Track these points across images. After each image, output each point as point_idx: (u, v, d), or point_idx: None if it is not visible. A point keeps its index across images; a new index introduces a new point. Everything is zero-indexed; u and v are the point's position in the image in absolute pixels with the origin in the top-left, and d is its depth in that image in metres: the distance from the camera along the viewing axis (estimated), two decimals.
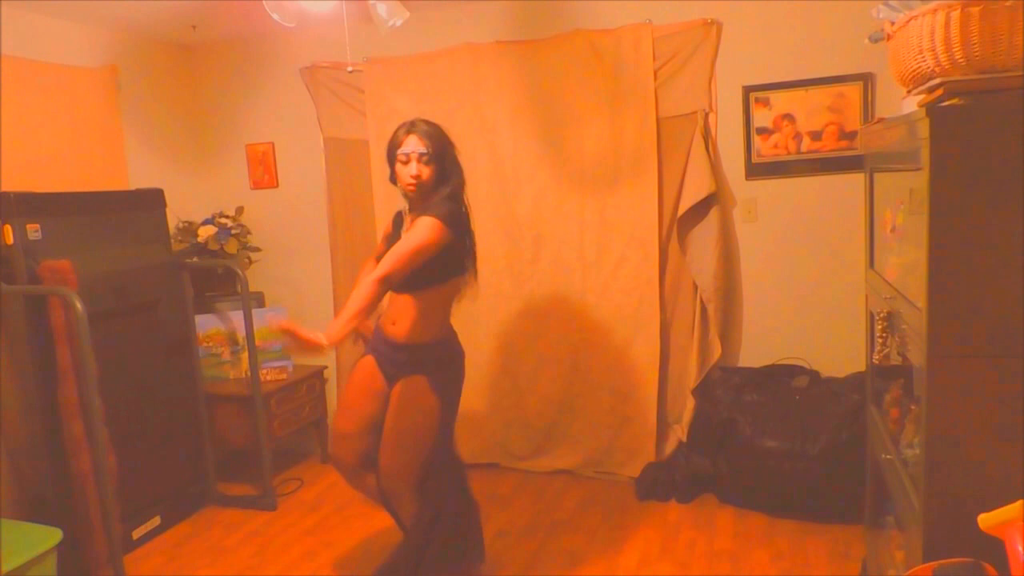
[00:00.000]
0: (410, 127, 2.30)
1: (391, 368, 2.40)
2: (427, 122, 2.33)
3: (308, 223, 3.90)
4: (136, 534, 3.05)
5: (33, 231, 2.72)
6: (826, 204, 3.14)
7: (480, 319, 3.60)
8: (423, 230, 2.19)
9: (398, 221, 2.48)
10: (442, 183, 2.30)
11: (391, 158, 2.33)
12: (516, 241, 3.51)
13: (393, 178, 2.36)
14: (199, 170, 4.04)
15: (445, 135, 2.34)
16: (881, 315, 1.88)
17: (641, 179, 3.28)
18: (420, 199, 2.31)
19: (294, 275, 3.99)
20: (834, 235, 3.13)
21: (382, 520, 3.17)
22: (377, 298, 2.16)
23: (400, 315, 2.36)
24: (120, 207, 3.11)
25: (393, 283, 2.20)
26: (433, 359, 2.37)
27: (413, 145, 2.26)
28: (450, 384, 2.41)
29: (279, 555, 2.95)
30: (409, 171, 2.26)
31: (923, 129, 1.39)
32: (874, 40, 1.79)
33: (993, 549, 1.28)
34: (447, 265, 2.31)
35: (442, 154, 2.30)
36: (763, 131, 3.19)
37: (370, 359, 2.47)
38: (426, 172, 2.27)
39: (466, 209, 2.35)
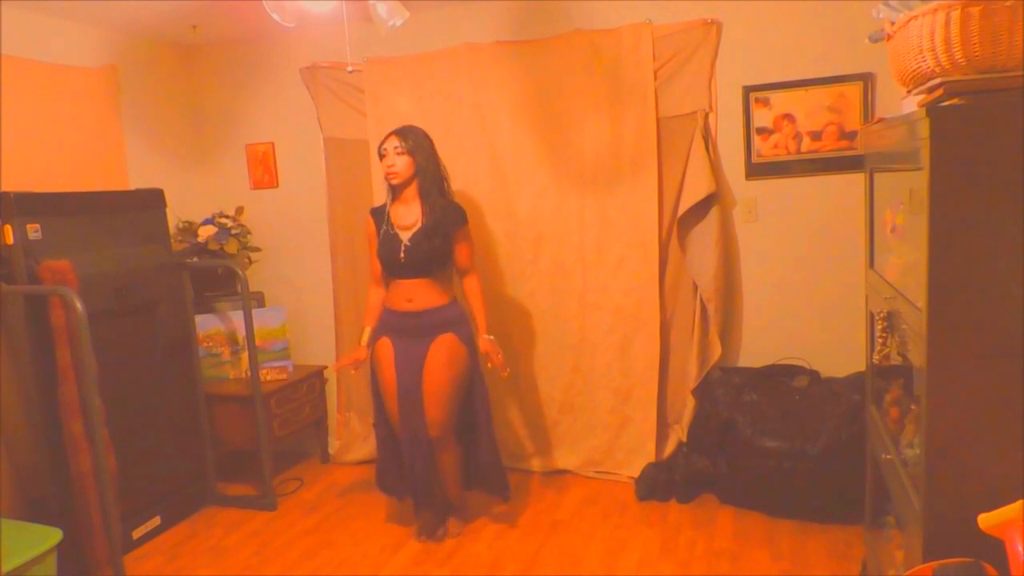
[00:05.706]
0: (395, 130, 2.84)
1: (420, 334, 2.82)
2: (412, 127, 2.88)
3: (308, 223, 3.89)
4: (136, 534, 3.05)
5: (33, 231, 2.72)
6: (826, 204, 3.14)
7: None
8: (469, 236, 2.96)
9: (379, 216, 2.91)
10: (420, 175, 2.82)
11: (379, 156, 2.87)
12: (516, 241, 3.50)
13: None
14: (199, 170, 4.04)
15: (424, 135, 2.85)
16: (881, 315, 1.88)
17: (641, 179, 3.28)
18: (402, 188, 2.84)
19: (294, 275, 3.99)
20: (834, 235, 3.13)
21: (382, 520, 3.18)
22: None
23: (420, 293, 2.84)
24: (120, 207, 3.11)
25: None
26: (456, 315, 2.89)
27: (390, 141, 2.81)
28: (470, 335, 2.92)
29: (279, 555, 2.96)
30: (387, 162, 2.80)
31: (923, 129, 1.38)
32: (874, 40, 1.79)
33: (993, 549, 1.28)
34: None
35: (415, 149, 2.80)
36: (763, 131, 3.19)
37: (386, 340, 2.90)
38: (401, 162, 2.79)
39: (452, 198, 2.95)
